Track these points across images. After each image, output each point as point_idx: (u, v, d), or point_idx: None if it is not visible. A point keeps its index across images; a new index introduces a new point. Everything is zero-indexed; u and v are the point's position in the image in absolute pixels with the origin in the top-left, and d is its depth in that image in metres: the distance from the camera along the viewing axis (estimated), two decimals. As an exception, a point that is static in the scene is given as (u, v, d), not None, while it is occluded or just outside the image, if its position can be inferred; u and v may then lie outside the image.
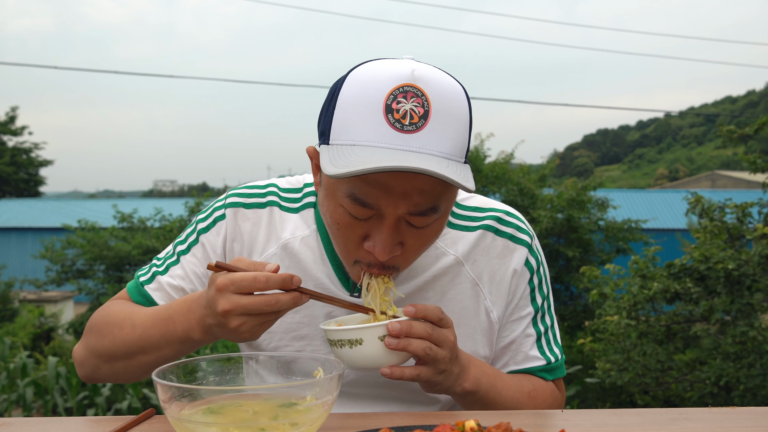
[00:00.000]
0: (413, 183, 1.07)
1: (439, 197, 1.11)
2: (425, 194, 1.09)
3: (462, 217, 1.36)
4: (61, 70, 23.62)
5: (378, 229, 1.12)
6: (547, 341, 1.40)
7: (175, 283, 1.35)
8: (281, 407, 0.96)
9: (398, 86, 1.07)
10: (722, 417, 1.11)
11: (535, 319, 1.39)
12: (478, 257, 1.34)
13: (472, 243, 1.34)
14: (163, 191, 72.16)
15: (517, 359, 1.38)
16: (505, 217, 1.37)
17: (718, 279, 4.51)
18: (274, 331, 1.34)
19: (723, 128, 5.20)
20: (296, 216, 1.35)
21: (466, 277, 1.33)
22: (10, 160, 34.86)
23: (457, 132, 1.09)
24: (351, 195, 1.09)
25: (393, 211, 1.09)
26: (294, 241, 1.33)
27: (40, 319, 12.30)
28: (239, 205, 1.36)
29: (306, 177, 1.42)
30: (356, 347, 1.11)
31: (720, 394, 4.70)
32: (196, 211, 11.65)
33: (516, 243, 1.35)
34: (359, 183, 1.08)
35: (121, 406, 6.46)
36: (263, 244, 1.34)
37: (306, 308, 1.32)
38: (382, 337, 1.10)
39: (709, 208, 4.99)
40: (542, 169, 11.41)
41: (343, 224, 1.14)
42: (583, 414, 1.14)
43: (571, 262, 9.03)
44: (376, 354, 1.11)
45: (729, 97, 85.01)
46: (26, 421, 1.16)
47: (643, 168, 76.00)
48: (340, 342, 1.12)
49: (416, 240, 1.15)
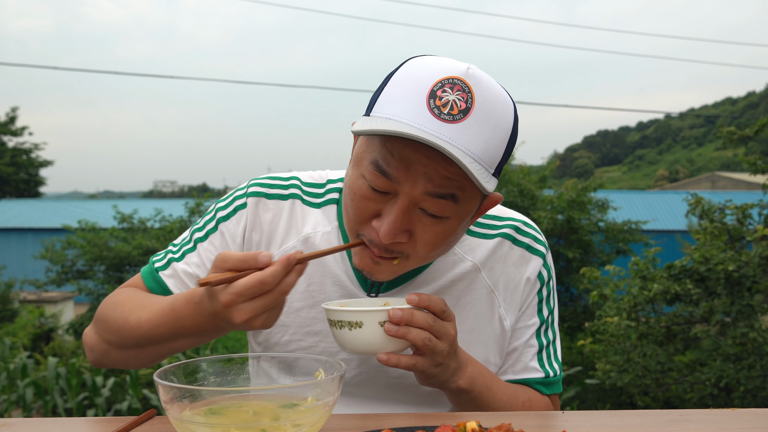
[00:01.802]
0: (436, 167, 1.07)
1: (459, 188, 1.10)
2: (447, 180, 1.08)
3: (481, 225, 1.37)
4: (61, 70, 23.88)
5: (390, 209, 1.11)
6: (548, 355, 1.39)
7: (190, 271, 1.34)
8: (282, 408, 0.96)
9: (449, 77, 1.08)
10: (722, 418, 1.11)
11: (539, 331, 1.39)
12: (495, 265, 1.34)
13: (490, 251, 1.34)
14: (163, 192, 72.14)
15: (516, 368, 1.38)
16: (523, 227, 1.38)
17: (718, 280, 4.51)
18: (288, 324, 1.34)
19: (723, 129, 5.21)
20: (318, 211, 1.35)
21: (482, 283, 1.33)
22: (11, 161, 34.86)
23: (492, 138, 1.08)
24: (374, 162, 1.10)
25: (410, 189, 1.09)
26: (315, 236, 1.33)
27: (40, 320, 12.30)
28: (261, 195, 1.35)
29: (329, 173, 1.41)
30: (355, 330, 1.10)
31: (720, 396, 4.70)
32: (196, 211, 11.66)
33: (532, 253, 1.36)
34: (385, 152, 1.09)
35: (121, 406, 6.46)
36: (283, 236, 1.33)
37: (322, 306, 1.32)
38: (382, 323, 1.10)
39: (709, 209, 5.00)
40: (542, 170, 11.42)
41: (359, 195, 1.14)
42: (584, 415, 1.14)
43: (572, 263, 9.04)
44: (375, 339, 1.11)
45: (729, 99, 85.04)
46: (27, 421, 1.16)
47: (643, 169, 76.00)
48: (340, 323, 1.12)
49: (427, 233, 1.14)
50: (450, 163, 1.07)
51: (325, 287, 1.32)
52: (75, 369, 6.70)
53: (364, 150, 1.14)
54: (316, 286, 1.32)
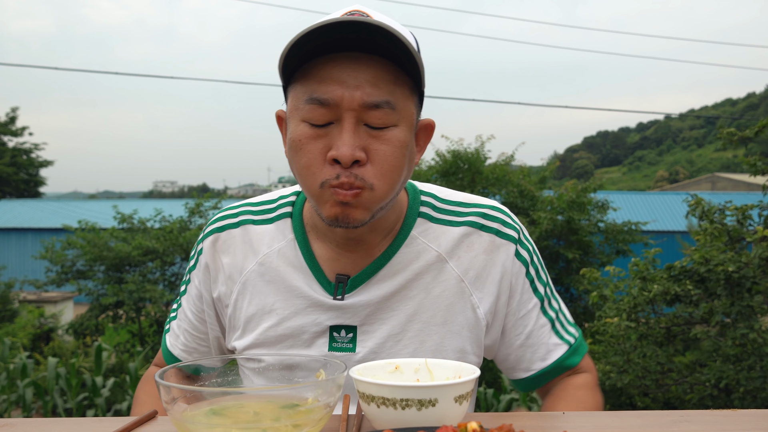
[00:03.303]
0: (364, 74, 1.11)
1: (391, 93, 1.13)
2: (376, 87, 1.11)
3: (445, 211, 1.33)
4: (61, 71, 23.77)
5: (339, 134, 1.12)
6: (561, 324, 1.39)
7: (182, 323, 1.45)
8: (283, 408, 0.96)
9: (346, 12, 1.15)
10: (723, 419, 1.11)
11: (543, 308, 1.37)
12: (462, 254, 1.30)
13: (456, 240, 1.30)
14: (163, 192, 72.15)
15: (540, 353, 1.35)
16: (491, 212, 1.33)
17: (718, 281, 4.51)
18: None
19: (723, 130, 5.20)
20: (271, 227, 1.33)
21: (450, 273, 1.29)
22: (11, 161, 34.88)
23: (403, 35, 1.11)
24: (309, 98, 1.12)
25: (348, 104, 1.11)
26: (271, 255, 1.31)
27: (39, 320, 12.31)
28: (214, 232, 1.36)
29: (281, 191, 1.41)
30: (427, 409, 0.93)
31: (720, 397, 4.70)
32: (196, 212, 11.67)
33: (502, 238, 1.32)
34: (314, 84, 1.12)
35: (121, 407, 6.46)
36: (241, 263, 1.33)
37: None
38: (458, 398, 0.95)
39: (709, 210, 5.00)
40: (542, 171, 11.44)
41: (305, 139, 1.14)
42: (584, 416, 1.15)
43: (571, 264, 9.03)
44: (446, 419, 0.94)
45: (729, 100, 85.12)
46: (28, 421, 1.16)
47: (643, 170, 76.05)
48: (406, 402, 0.93)
49: (380, 147, 1.14)
50: (375, 66, 1.11)
51: (292, 302, 1.29)
52: (75, 369, 6.70)
53: (295, 101, 1.16)
54: (281, 303, 1.30)
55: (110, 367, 7.81)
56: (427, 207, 1.33)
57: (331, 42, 1.10)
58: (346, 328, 1.27)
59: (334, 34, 1.09)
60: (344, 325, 1.27)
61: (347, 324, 1.27)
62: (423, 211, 1.32)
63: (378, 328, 1.27)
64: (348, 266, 1.28)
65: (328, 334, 1.27)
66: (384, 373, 1.10)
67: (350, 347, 1.27)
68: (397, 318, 1.27)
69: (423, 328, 1.28)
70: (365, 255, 1.28)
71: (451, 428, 0.84)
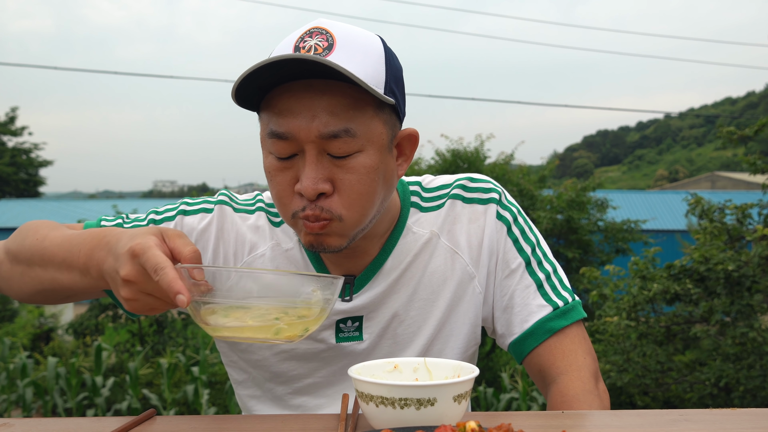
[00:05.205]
0: (319, 103, 1.07)
1: (350, 119, 1.09)
2: (334, 115, 1.08)
3: (430, 198, 1.35)
4: (61, 70, 23.87)
5: (302, 166, 1.11)
6: (552, 287, 1.31)
7: None
8: (287, 306, 0.99)
9: (306, 30, 1.11)
10: (722, 418, 1.11)
11: (530, 268, 1.32)
12: (451, 227, 1.32)
13: (444, 216, 1.32)
14: (162, 192, 72.18)
15: (522, 315, 1.29)
16: (470, 183, 1.34)
17: (717, 280, 4.52)
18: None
19: (723, 129, 5.21)
20: (278, 229, 1.33)
21: (443, 248, 1.31)
22: (10, 161, 34.88)
23: (365, 60, 1.08)
24: (269, 132, 1.11)
25: (306, 136, 1.08)
26: (280, 252, 1.31)
27: (39, 320, 12.31)
28: (228, 205, 1.34)
29: None
30: (426, 408, 0.93)
31: (720, 396, 4.71)
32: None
33: (484, 204, 1.32)
34: (273, 117, 1.10)
35: (121, 406, 6.46)
36: (252, 244, 1.31)
37: None
38: (456, 397, 0.94)
39: (708, 209, 5.00)
40: (542, 170, 11.44)
41: (273, 170, 1.13)
42: (584, 415, 1.14)
43: (571, 263, 9.05)
44: (445, 418, 0.94)
45: (729, 99, 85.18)
46: (28, 421, 1.16)
47: (642, 169, 76.10)
48: (404, 401, 0.92)
49: (345, 176, 1.11)
50: (331, 93, 1.07)
51: None
52: (75, 369, 6.70)
53: (262, 131, 1.14)
54: None
55: (110, 367, 7.81)
56: (415, 196, 1.35)
57: (287, 71, 1.07)
58: (352, 319, 1.30)
59: (281, 69, 1.05)
60: (350, 317, 1.30)
61: (353, 316, 1.29)
62: (414, 201, 1.34)
63: (382, 313, 1.29)
64: (352, 267, 1.30)
65: (335, 326, 1.29)
66: (383, 372, 1.10)
67: (357, 335, 1.29)
68: (399, 300, 1.29)
69: (424, 306, 1.30)
70: (366, 255, 1.29)
71: (450, 427, 0.83)
